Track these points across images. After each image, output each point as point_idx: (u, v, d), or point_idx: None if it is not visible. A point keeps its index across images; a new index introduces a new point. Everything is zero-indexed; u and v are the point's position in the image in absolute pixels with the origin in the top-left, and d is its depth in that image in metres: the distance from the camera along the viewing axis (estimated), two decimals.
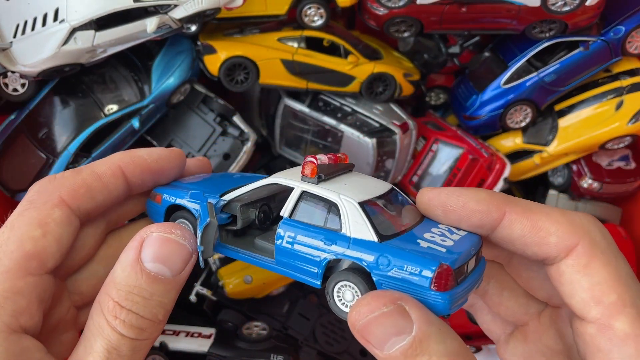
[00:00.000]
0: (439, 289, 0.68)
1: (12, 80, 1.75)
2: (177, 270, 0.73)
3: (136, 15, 1.56)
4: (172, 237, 0.74)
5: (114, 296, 0.70)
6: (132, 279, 0.71)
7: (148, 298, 0.71)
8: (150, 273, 0.71)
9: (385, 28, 1.86)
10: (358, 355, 1.93)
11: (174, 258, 0.73)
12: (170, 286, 0.73)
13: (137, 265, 0.71)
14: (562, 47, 1.92)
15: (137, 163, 0.84)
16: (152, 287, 0.71)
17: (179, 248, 0.74)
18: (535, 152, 2.05)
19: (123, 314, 0.70)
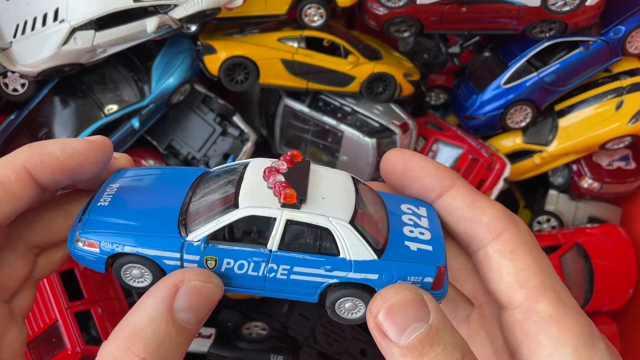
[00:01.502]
0: (437, 288, 0.72)
1: (12, 80, 1.75)
2: (202, 318, 0.68)
3: (136, 15, 1.56)
4: (210, 286, 0.68)
5: (140, 352, 0.62)
6: (161, 332, 0.64)
7: (176, 351, 0.65)
8: (180, 324, 0.65)
9: (385, 28, 1.86)
10: (358, 355, 1.93)
11: (203, 309, 0.67)
12: (194, 334, 0.67)
13: (169, 316, 0.64)
14: (562, 47, 1.92)
15: (48, 163, 0.71)
16: (180, 339, 0.65)
17: (212, 297, 0.68)
18: (536, 152, 2.05)
19: None
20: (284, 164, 0.75)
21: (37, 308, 1.71)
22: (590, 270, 1.97)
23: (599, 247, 1.99)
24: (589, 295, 1.97)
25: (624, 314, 2.03)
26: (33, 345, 1.70)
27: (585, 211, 2.16)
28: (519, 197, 2.34)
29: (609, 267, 1.98)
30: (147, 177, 0.84)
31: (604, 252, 1.99)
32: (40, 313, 1.70)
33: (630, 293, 1.99)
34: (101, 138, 0.76)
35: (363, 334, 1.97)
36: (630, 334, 2.02)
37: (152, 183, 0.83)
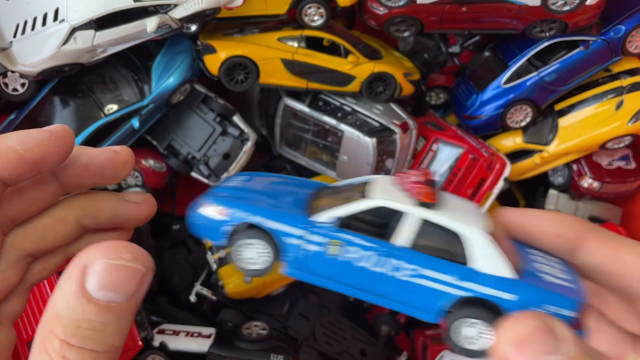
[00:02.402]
0: (577, 328, 0.67)
1: (12, 80, 1.75)
2: (130, 293, 0.63)
3: (136, 15, 1.56)
4: (121, 262, 0.62)
5: (59, 334, 0.59)
6: (78, 312, 0.60)
7: (101, 329, 0.61)
8: (99, 303, 0.61)
9: (386, 28, 1.87)
10: (358, 355, 1.93)
11: (126, 283, 0.62)
12: (125, 311, 0.63)
13: (82, 297, 0.60)
14: (562, 47, 1.92)
15: (7, 157, 0.69)
16: (103, 317, 0.61)
17: (131, 273, 0.63)
18: (536, 151, 2.05)
19: (73, 354, 0.59)
20: (417, 174, 0.73)
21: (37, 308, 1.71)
22: None
23: None
24: None
25: None
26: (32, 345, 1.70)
27: (585, 211, 2.16)
28: (519, 197, 2.34)
29: None
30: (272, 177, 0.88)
31: None
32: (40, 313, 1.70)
33: None
34: (61, 127, 0.74)
35: (363, 333, 1.98)
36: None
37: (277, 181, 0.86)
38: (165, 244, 2.10)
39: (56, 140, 0.72)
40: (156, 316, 1.95)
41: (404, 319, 2.23)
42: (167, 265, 2.09)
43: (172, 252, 2.10)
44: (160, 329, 1.85)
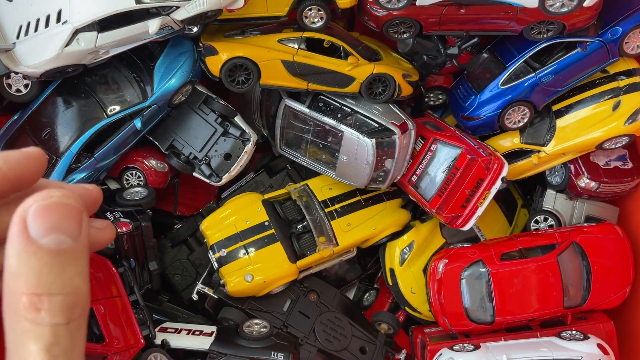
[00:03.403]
0: None
1: (15, 80, 1.77)
2: (75, 234, 0.62)
3: (138, 16, 1.58)
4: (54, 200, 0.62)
5: (23, 289, 0.59)
6: (34, 263, 0.60)
7: (61, 272, 0.61)
8: (50, 248, 0.61)
9: (385, 29, 1.88)
10: (357, 353, 1.95)
11: (67, 221, 0.62)
12: (77, 253, 0.63)
13: (31, 246, 0.60)
14: (560, 48, 1.94)
15: None
16: (59, 260, 0.61)
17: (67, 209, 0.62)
18: (533, 152, 2.06)
19: (45, 302, 0.59)
20: None
21: None
22: (588, 268, 1.99)
23: (596, 246, 2.01)
24: (587, 294, 1.99)
25: (621, 311, 2.05)
26: None
27: (582, 210, 2.17)
28: (517, 197, 2.36)
29: (606, 265, 1.99)
30: None
31: (601, 250, 2.00)
32: None
33: (627, 291, 2.01)
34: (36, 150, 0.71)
35: (363, 331, 1.99)
36: (627, 331, 2.04)
37: None
38: (167, 243, 2.12)
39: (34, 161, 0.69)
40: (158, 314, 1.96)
41: (403, 317, 2.25)
42: (168, 264, 2.11)
43: (174, 251, 2.12)
44: (162, 327, 1.86)
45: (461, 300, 1.98)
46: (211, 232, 1.96)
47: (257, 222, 1.96)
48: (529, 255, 2.00)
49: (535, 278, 1.96)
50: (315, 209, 2.01)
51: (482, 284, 1.97)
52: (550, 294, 1.96)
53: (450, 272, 1.99)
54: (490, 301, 1.96)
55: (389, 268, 2.14)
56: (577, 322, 1.99)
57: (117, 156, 1.87)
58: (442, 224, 2.14)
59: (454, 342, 1.95)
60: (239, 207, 1.99)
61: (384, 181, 2.02)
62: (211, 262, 1.96)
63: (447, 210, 1.97)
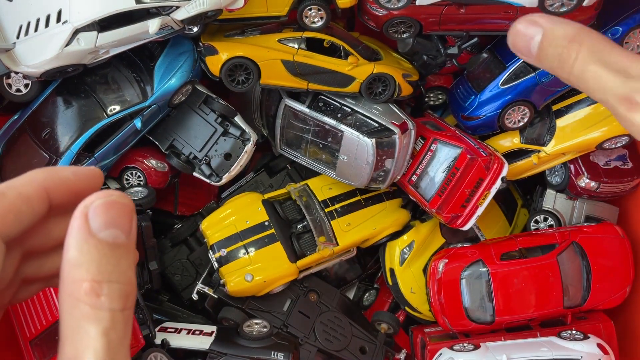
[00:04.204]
0: None
1: (15, 80, 1.77)
2: (127, 230, 0.70)
3: (138, 16, 1.58)
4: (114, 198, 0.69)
5: (85, 276, 0.65)
6: (94, 253, 0.66)
7: (117, 264, 0.67)
8: (108, 241, 0.67)
9: (385, 29, 1.88)
10: (357, 352, 1.95)
11: (122, 218, 0.69)
12: (128, 248, 0.69)
13: (92, 238, 0.67)
14: None
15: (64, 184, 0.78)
16: (115, 253, 0.67)
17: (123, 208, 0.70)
18: (533, 151, 2.06)
19: (105, 288, 0.65)
20: None
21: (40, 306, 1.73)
22: (588, 268, 1.99)
23: (596, 246, 2.01)
24: (587, 294, 1.99)
25: (621, 312, 2.05)
26: (35, 343, 1.72)
27: (582, 210, 2.17)
28: (517, 197, 2.36)
29: (606, 265, 1.99)
30: None
31: (601, 250, 2.00)
32: (42, 311, 1.72)
33: (627, 291, 2.01)
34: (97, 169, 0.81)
35: (363, 331, 2.00)
36: (627, 331, 2.04)
37: None
38: (167, 243, 2.12)
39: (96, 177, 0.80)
40: (158, 314, 1.97)
41: (403, 317, 2.25)
42: (168, 264, 2.11)
43: (174, 250, 2.12)
44: (162, 326, 1.86)
45: (461, 300, 1.98)
46: (211, 231, 1.96)
47: (257, 222, 1.96)
48: (529, 255, 2.00)
49: (535, 278, 1.96)
50: (315, 209, 2.01)
51: (482, 283, 1.97)
52: (550, 293, 1.96)
53: (450, 272, 1.99)
54: (490, 301, 1.96)
55: (389, 268, 2.15)
56: (577, 321, 1.99)
57: (117, 156, 1.87)
58: (442, 224, 2.14)
59: (454, 342, 1.95)
60: (239, 207, 2.00)
61: (384, 181, 2.02)
62: (211, 262, 1.96)
63: (447, 210, 1.97)
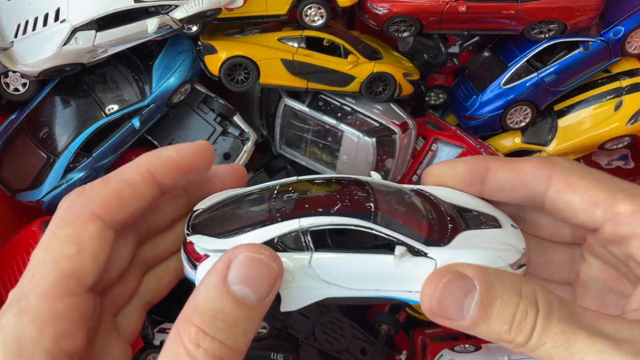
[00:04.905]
0: None
1: (13, 79, 1.76)
2: (262, 295, 0.69)
3: (137, 15, 1.57)
4: (261, 257, 0.69)
5: (196, 322, 0.65)
6: (217, 303, 0.66)
7: (232, 325, 0.66)
8: (236, 297, 0.67)
9: (385, 28, 1.87)
10: (358, 354, 1.94)
11: (261, 281, 0.68)
12: (254, 312, 0.68)
13: (222, 287, 0.67)
14: (562, 48, 1.93)
15: (166, 164, 0.80)
16: (237, 312, 0.67)
17: (267, 270, 0.69)
18: (535, 151, 2.05)
19: (207, 342, 0.64)
20: None
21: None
22: None
23: None
24: None
25: None
26: None
27: None
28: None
29: None
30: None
31: None
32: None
33: None
34: (205, 142, 0.85)
35: (363, 332, 1.98)
36: None
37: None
38: None
39: (203, 151, 0.83)
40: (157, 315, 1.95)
41: (404, 317, 2.24)
42: None
43: None
44: (160, 327, 1.85)
45: None
46: None
47: None
48: None
49: None
50: None
51: None
52: None
53: None
54: None
55: None
56: None
57: (115, 155, 1.86)
58: None
59: (455, 343, 1.94)
60: None
61: None
62: None
63: None
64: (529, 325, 0.68)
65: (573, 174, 0.81)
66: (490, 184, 0.86)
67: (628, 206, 0.76)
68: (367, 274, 0.79)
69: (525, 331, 0.68)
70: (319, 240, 0.79)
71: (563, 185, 0.80)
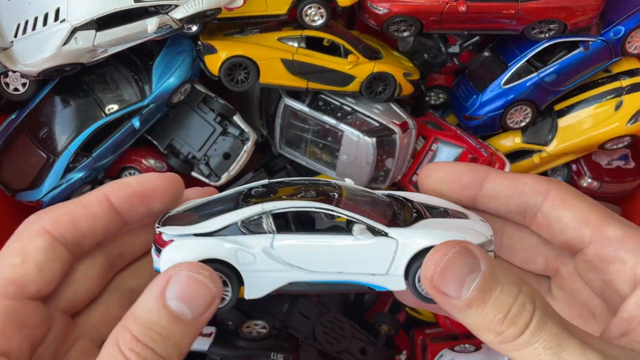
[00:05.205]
0: None
1: (12, 79, 1.76)
2: (198, 313, 0.72)
3: (137, 15, 1.57)
4: (199, 277, 0.72)
5: (132, 329, 0.70)
6: (153, 315, 0.70)
7: (166, 337, 0.70)
8: (172, 312, 0.71)
9: (385, 27, 1.87)
10: (358, 354, 1.94)
11: (198, 300, 0.72)
12: (189, 328, 0.72)
13: (160, 301, 0.71)
14: (562, 48, 1.93)
15: (124, 190, 0.84)
16: (171, 327, 0.70)
17: (204, 290, 0.72)
18: (535, 151, 2.05)
19: (139, 348, 0.69)
20: None
21: None
22: None
23: None
24: None
25: None
26: None
27: None
28: None
29: None
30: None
31: None
32: None
33: None
34: (171, 174, 0.89)
35: (363, 332, 1.98)
36: None
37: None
38: None
39: (166, 180, 0.86)
40: None
41: (404, 318, 2.24)
42: None
43: None
44: None
45: None
46: None
47: None
48: None
49: None
50: None
51: None
52: None
53: None
54: None
55: None
56: None
57: (115, 155, 1.86)
58: None
59: (455, 343, 1.93)
60: None
61: (385, 181, 2.01)
62: None
63: None
64: (524, 320, 0.68)
65: (570, 194, 0.83)
66: (487, 189, 0.87)
67: (617, 231, 0.78)
68: (329, 255, 0.80)
69: (519, 325, 0.68)
70: (283, 227, 0.82)
71: (559, 201, 0.82)
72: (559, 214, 0.82)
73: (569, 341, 0.67)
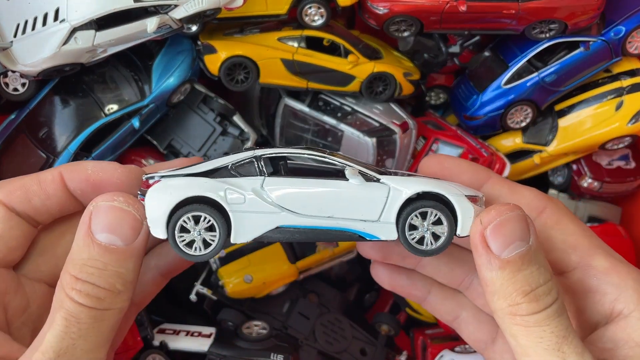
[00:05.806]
0: None
1: (12, 79, 1.75)
2: (128, 239, 0.74)
3: (136, 15, 1.56)
4: (115, 204, 0.74)
5: (70, 270, 0.73)
6: (84, 252, 0.73)
7: (102, 269, 0.72)
8: (101, 244, 0.73)
9: (385, 27, 1.87)
10: (358, 355, 1.93)
11: (122, 226, 0.73)
12: (124, 255, 0.74)
13: (87, 238, 0.73)
14: (563, 48, 1.92)
15: (77, 172, 0.86)
16: (105, 258, 0.72)
17: (124, 215, 0.74)
18: (535, 151, 2.05)
19: (79, 285, 0.71)
20: None
21: None
22: None
23: None
24: None
25: None
26: None
27: (585, 211, 2.16)
28: None
29: None
30: None
31: None
32: None
33: None
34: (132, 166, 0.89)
35: (363, 333, 1.98)
36: None
37: None
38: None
39: (121, 172, 0.87)
40: (156, 315, 1.95)
41: (404, 318, 2.23)
42: None
43: None
44: (160, 328, 1.85)
45: None
46: None
47: None
48: None
49: None
50: None
51: None
52: None
53: None
54: None
55: None
56: None
57: (114, 155, 1.85)
58: None
59: (455, 344, 1.93)
60: None
61: None
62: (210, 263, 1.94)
63: None
64: (547, 301, 0.70)
65: (565, 216, 0.84)
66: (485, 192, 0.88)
67: (604, 262, 0.79)
68: (320, 199, 0.79)
69: (540, 304, 0.70)
70: (274, 172, 0.82)
71: (553, 221, 0.83)
72: (549, 233, 0.83)
73: (574, 338, 0.70)
